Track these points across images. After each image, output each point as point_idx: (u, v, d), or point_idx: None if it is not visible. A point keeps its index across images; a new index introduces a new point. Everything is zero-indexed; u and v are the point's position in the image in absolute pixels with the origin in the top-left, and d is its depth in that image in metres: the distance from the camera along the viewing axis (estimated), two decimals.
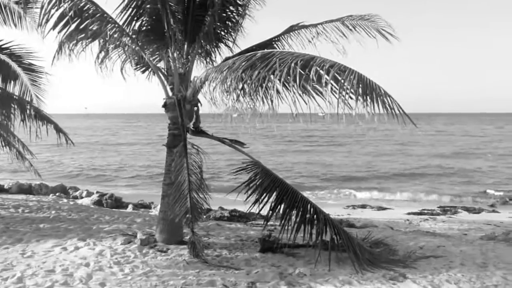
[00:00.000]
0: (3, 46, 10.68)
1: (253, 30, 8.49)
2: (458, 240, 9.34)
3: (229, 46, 8.26)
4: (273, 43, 8.31)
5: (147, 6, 7.55)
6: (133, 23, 7.70)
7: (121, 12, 7.42)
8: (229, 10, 7.97)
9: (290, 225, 7.01)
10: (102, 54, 8.04)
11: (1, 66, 10.63)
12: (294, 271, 6.35)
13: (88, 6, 7.14)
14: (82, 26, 7.33)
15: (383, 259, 6.95)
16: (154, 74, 8.43)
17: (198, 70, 8.33)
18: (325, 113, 5.32)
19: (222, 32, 8.18)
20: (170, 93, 7.74)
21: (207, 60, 8.44)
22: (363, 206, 17.62)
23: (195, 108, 7.67)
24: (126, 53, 8.14)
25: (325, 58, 5.35)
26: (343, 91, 5.10)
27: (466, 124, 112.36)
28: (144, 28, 7.88)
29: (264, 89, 5.63)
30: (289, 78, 5.16)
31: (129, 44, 7.69)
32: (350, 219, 12.80)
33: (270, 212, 7.14)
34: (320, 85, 5.25)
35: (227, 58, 7.41)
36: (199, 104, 7.69)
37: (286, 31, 8.27)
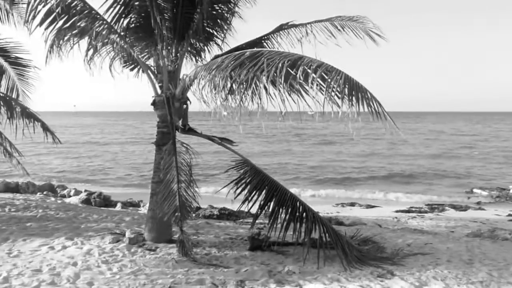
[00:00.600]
0: None
1: (243, 28, 8.49)
2: (445, 237, 9.44)
3: (218, 44, 8.26)
4: (262, 42, 8.32)
5: (136, 3, 7.51)
6: (121, 20, 7.67)
7: (108, 9, 7.37)
8: (218, 7, 7.95)
9: (279, 223, 7.02)
10: (91, 51, 7.98)
11: None
12: (283, 269, 6.37)
13: (75, 2, 7.09)
14: (70, 23, 7.28)
15: (371, 257, 7.00)
16: (143, 72, 8.39)
17: (188, 68, 8.33)
18: (314, 112, 5.35)
19: (211, 30, 8.16)
20: (159, 91, 7.71)
21: (197, 58, 8.42)
22: (352, 204, 17.69)
23: (184, 106, 7.64)
24: (115, 50, 8.10)
25: (312, 58, 5.38)
26: (330, 90, 5.14)
27: (454, 122, 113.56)
28: (132, 25, 7.85)
29: (253, 88, 5.63)
30: (276, 77, 5.17)
31: (117, 41, 7.64)
32: (339, 217, 12.87)
33: (259, 210, 7.15)
34: (307, 84, 5.28)
35: (217, 56, 7.40)
36: (189, 102, 7.67)
37: (275, 30, 8.28)
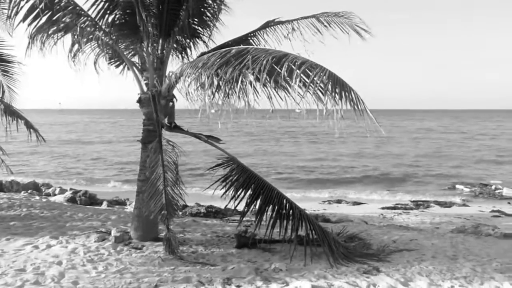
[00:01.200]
0: None
1: (230, 25, 8.46)
2: (430, 233, 9.56)
3: (204, 41, 8.21)
4: (249, 39, 8.29)
5: None
6: (106, 17, 7.58)
7: (93, 4, 7.28)
8: (205, 4, 7.90)
9: (266, 220, 7.03)
10: (75, 47, 7.88)
11: None
12: (270, 267, 6.37)
13: None
14: (54, 19, 7.18)
15: (358, 253, 7.05)
16: (128, 69, 8.32)
17: (174, 65, 8.26)
18: (301, 109, 5.36)
19: (197, 26, 8.11)
20: (145, 88, 7.64)
21: (183, 55, 8.36)
22: (339, 201, 17.82)
23: (171, 103, 7.59)
24: (100, 47, 8.02)
25: (297, 55, 5.40)
26: (314, 85, 5.16)
27: (441, 120, 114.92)
28: (117, 21, 7.75)
29: (239, 85, 5.62)
30: (261, 73, 5.17)
31: (102, 37, 7.55)
32: (325, 214, 12.93)
33: (246, 208, 7.15)
34: (291, 80, 5.29)
35: (203, 54, 7.36)
36: (175, 99, 7.62)
37: (262, 27, 8.26)
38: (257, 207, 7.13)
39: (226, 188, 7.19)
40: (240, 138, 49.41)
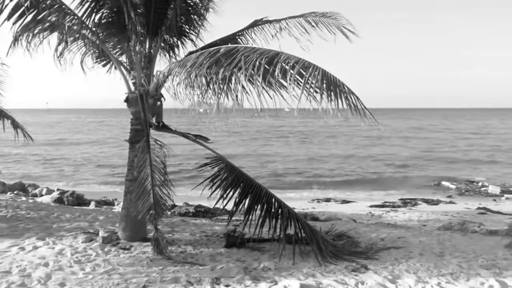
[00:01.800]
0: None
1: (217, 24, 8.43)
2: (418, 231, 9.65)
3: (192, 40, 8.18)
4: (237, 38, 8.28)
5: None
6: (93, 15, 7.51)
7: (79, 3, 7.20)
8: (192, 3, 7.87)
9: (255, 219, 7.03)
10: (61, 46, 7.79)
11: None
12: (259, 266, 6.38)
13: None
14: (39, 18, 7.10)
15: (346, 251, 7.09)
16: (115, 68, 8.24)
17: (162, 64, 8.22)
18: (290, 108, 5.36)
19: (185, 25, 8.08)
20: (133, 87, 7.59)
21: (171, 54, 8.32)
22: (328, 200, 17.91)
23: (158, 103, 7.55)
24: (87, 46, 7.94)
25: (289, 54, 5.39)
26: (309, 86, 5.16)
27: (432, 119, 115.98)
28: (104, 20, 7.69)
29: (232, 85, 5.61)
30: (254, 75, 5.17)
31: (89, 36, 7.49)
32: (314, 213, 12.99)
33: (235, 207, 7.14)
34: (285, 80, 5.29)
35: (191, 52, 7.33)
36: (163, 99, 7.58)
37: (250, 26, 8.26)
38: (245, 206, 7.13)
39: (214, 187, 7.17)
40: (229, 138, 49.28)
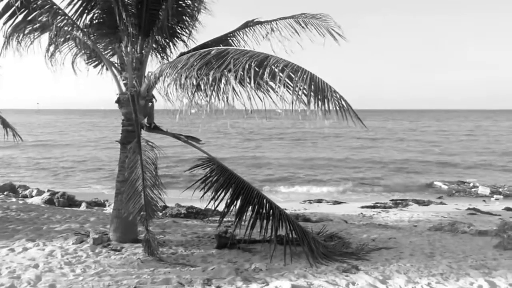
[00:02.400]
0: None
1: (209, 25, 8.43)
2: (408, 231, 9.71)
3: (184, 41, 8.17)
4: (228, 39, 8.29)
5: None
6: (84, 16, 7.48)
7: (70, 3, 7.17)
8: (184, 4, 7.87)
9: (246, 220, 7.04)
10: (52, 47, 7.75)
11: None
12: (250, 267, 6.39)
13: None
14: (30, 18, 7.06)
15: (337, 252, 7.12)
16: (107, 69, 8.21)
17: (153, 65, 8.20)
18: (282, 110, 5.40)
19: (177, 26, 8.06)
20: (124, 88, 7.57)
21: (162, 55, 8.30)
22: (319, 201, 17.96)
23: (150, 104, 7.54)
24: (78, 46, 7.91)
25: (279, 57, 5.44)
26: (298, 89, 5.20)
27: (423, 120, 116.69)
28: (96, 21, 7.67)
29: (222, 87, 5.62)
30: (244, 77, 5.19)
31: (80, 37, 7.46)
32: (306, 214, 13.01)
33: (226, 208, 7.15)
34: (274, 83, 5.32)
35: (182, 54, 7.33)
36: (154, 100, 7.57)
37: (241, 27, 8.27)
38: (237, 208, 7.14)
39: (206, 188, 7.17)
40: (221, 139, 49.20)
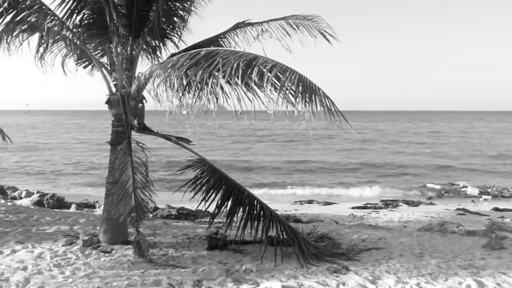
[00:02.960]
0: None
1: (200, 26, 8.44)
2: (398, 232, 9.78)
3: (174, 42, 8.16)
4: (219, 40, 8.30)
5: None
6: (73, 16, 7.43)
7: (60, 4, 7.12)
8: (174, 5, 7.86)
9: (237, 222, 7.04)
10: (42, 48, 7.69)
11: None
12: (241, 268, 6.39)
13: None
14: (19, 18, 6.99)
15: (328, 253, 7.15)
16: (97, 70, 8.17)
17: (144, 66, 8.19)
18: (272, 110, 5.42)
19: (167, 27, 8.06)
20: (114, 89, 7.54)
21: (153, 55, 8.29)
22: (310, 202, 18.00)
23: (140, 104, 7.51)
24: (68, 47, 7.85)
25: (267, 58, 5.46)
26: (285, 89, 5.22)
27: (415, 121, 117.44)
28: (86, 21, 7.63)
29: (209, 87, 5.64)
30: (232, 76, 5.20)
31: (70, 38, 7.41)
32: (297, 215, 13.03)
33: (217, 209, 7.15)
34: (262, 83, 5.34)
35: (173, 55, 7.32)
36: (144, 100, 7.55)
37: (232, 28, 8.29)
38: (228, 209, 7.14)
39: (196, 189, 7.16)
40: (211, 141, 49.05)
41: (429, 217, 13.43)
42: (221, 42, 8.31)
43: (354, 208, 16.14)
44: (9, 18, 6.98)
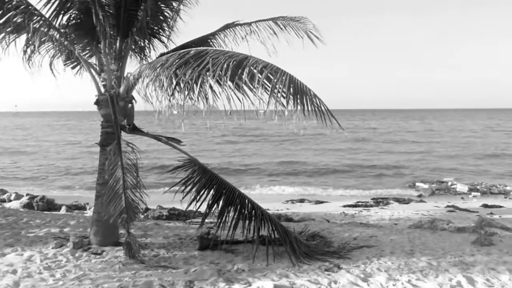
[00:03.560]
0: None
1: (189, 26, 8.40)
2: (389, 229, 9.83)
3: (163, 42, 8.13)
4: (208, 41, 8.29)
5: None
6: (60, 16, 7.36)
7: (46, 4, 7.05)
8: (163, 5, 7.82)
9: (228, 221, 7.03)
10: (30, 49, 7.61)
11: None
12: (233, 267, 6.38)
13: None
14: (4, 19, 6.92)
15: (319, 251, 7.17)
16: (85, 70, 8.11)
17: (133, 66, 8.13)
18: (264, 110, 5.42)
19: (156, 27, 8.02)
20: (103, 89, 7.48)
21: (142, 55, 8.24)
22: (302, 200, 18.01)
23: (129, 105, 7.47)
24: (55, 48, 7.78)
25: (258, 58, 5.46)
26: (276, 91, 5.23)
27: (407, 120, 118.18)
28: (73, 21, 7.55)
29: (198, 86, 5.62)
30: (221, 76, 5.19)
31: (57, 38, 7.34)
32: (288, 214, 13.04)
33: (208, 209, 7.13)
34: (253, 83, 5.34)
35: (162, 54, 7.28)
36: (134, 101, 7.51)
37: (221, 29, 8.28)
38: (219, 208, 7.12)
39: (187, 190, 7.14)
40: (202, 142, 48.90)
41: (419, 214, 13.52)
42: (210, 42, 8.29)
43: (345, 206, 16.19)
44: None
